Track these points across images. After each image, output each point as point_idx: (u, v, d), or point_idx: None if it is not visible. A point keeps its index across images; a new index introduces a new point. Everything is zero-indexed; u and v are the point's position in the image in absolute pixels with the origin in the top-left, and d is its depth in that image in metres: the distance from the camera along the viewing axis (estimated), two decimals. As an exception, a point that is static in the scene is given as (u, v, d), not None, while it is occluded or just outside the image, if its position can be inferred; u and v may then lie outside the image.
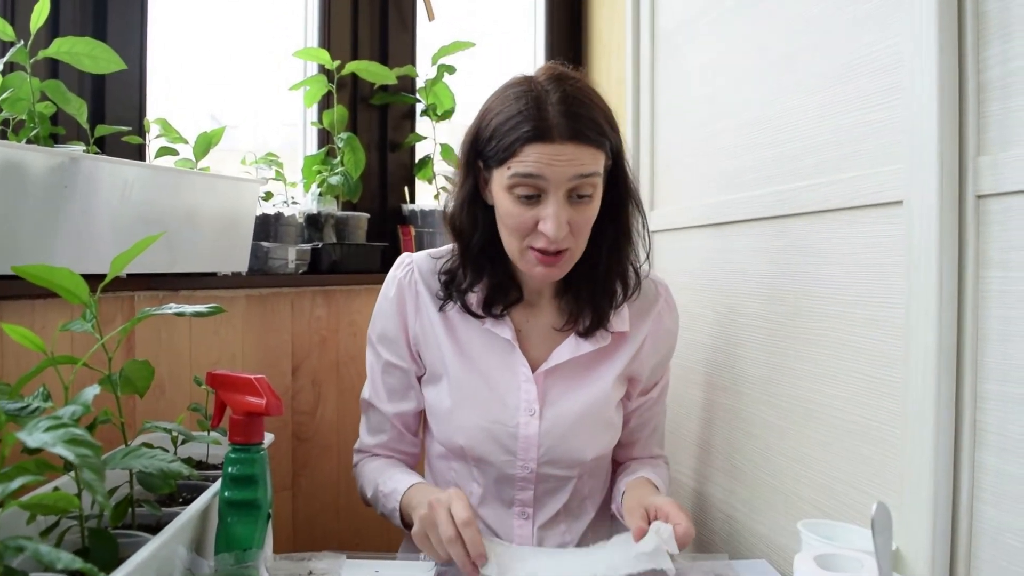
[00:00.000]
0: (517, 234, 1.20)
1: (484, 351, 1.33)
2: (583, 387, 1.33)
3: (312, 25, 2.06)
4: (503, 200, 1.20)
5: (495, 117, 1.19)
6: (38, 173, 1.24)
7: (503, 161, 1.17)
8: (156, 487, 0.97)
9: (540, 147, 1.14)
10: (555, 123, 1.14)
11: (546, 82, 1.18)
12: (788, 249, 1.30)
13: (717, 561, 1.23)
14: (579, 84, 1.20)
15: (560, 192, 1.16)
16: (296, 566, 1.04)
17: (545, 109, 1.14)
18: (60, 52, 1.29)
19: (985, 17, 0.93)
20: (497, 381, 1.32)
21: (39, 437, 0.68)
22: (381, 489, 1.33)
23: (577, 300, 1.32)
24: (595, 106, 1.19)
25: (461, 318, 1.34)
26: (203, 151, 1.57)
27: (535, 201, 1.17)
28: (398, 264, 1.40)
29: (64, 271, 0.90)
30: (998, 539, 0.92)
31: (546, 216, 1.16)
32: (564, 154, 1.14)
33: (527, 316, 1.35)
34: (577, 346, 1.32)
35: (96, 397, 0.86)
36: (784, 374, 1.31)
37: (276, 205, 1.88)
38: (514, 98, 1.18)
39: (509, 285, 1.32)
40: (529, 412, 1.30)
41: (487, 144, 1.20)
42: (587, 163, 1.16)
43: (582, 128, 1.15)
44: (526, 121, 1.14)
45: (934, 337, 0.96)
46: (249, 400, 1.00)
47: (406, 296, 1.36)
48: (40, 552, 0.63)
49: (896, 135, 1.04)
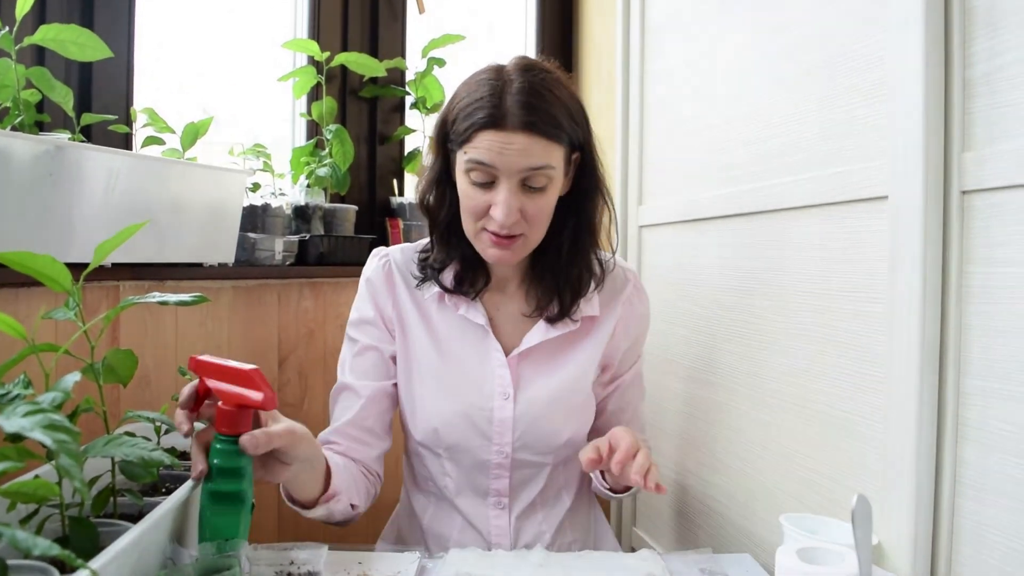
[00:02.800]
0: (472, 216, 1.23)
1: (458, 337, 1.34)
2: (555, 370, 1.34)
3: (302, 16, 2.05)
4: (461, 182, 1.22)
5: (460, 102, 1.21)
6: (23, 161, 1.23)
7: (461, 145, 1.19)
8: (138, 476, 0.96)
9: (492, 135, 1.15)
10: (510, 112, 1.15)
11: (513, 71, 1.20)
12: (773, 244, 1.30)
13: (700, 555, 1.24)
14: (544, 76, 1.20)
15: (512, 181, 1.18)
16: (278, 556, 1.03)
17: (503, 98, 1.16)
18: (46, 39, 1.28)
19: (972, 13, 0.93)
20: (472, 366, 1.33)
21: (16, 422, 0.67)
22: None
23: (543, 288, 1.34)
24: (556, 99, 1.19)
25: (436, 306, 1.35)
26: (190, 141, 1.56)
27: (489, 187, 1.19)
28: (374, 255, 1.41)
29: (46, 258, 0.89)
30: (979, 533, 0.92)
31: (497, 202, 1.18)
32: (514, 143, 1.15)
33: (497, 304, 1.37)
34: (547, 331, 1.33)
35: (79, 387, 0.86)
36: (768, 369, 1.31)
37: (264, 196, 1.87)
38: (477, 84, 1.20)
39: (477, 266, 1.33)
40: (504, 396, 1.31)
41: (451, 127, 1.22)
42: (538, 155, 1.17)
43: (536, 120, 1.15)
44: (482, 108, 1.16)
45: (917, 332, 0.96)
46: (244, 393, 0.96)
47: (382, 283, 1.37)
48: (17, 538, 0.62)
49: (882, 130, 1.04)
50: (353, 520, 1.27)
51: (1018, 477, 0.87)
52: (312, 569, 1.04)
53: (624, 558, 1.20)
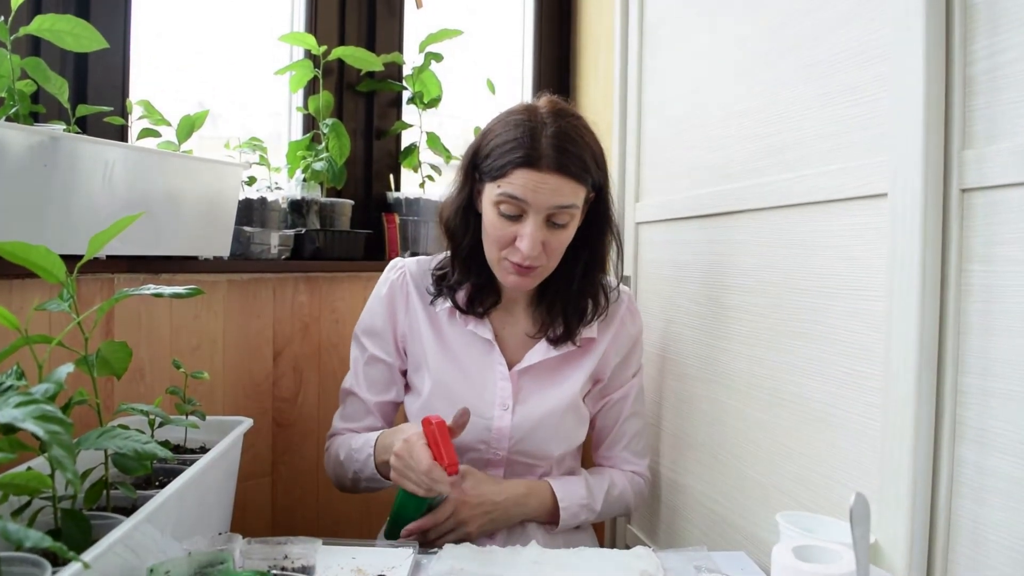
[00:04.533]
0: (496, 245, 1.33)
1: (466, 349, 1.45)
2: (552, 388, 1.45)
3: (299, 10, 2.03)
4: (489, 213, 1.32)
5: (495, 138, 1.32)
6: (17, 151, 1.22)
7: (495, 179, 1.29)
8: (131, 469, 0.96)
9: (528, 173, 1.26)
10: (545, 154, 1.26)
11: (546, 115, 1.31)
12: (772, 241, 1.30)
13: (696, 552, 1.24)
14: (575, 123, 1.32)
15: (539, 216, 1.28)
16: (272, 550, 1.03)
17: (539, 140, 1.27)
18: (41, 29, 1.27)
19: (973, 10, 0.93)
20: (476, 377, 1.43)
21: (8, 413, 0.67)
22: (352, 446, 1.42)
23: (550, 312, 1.44)
24: (585, 145, 1.31)
25: (447, 319, 1.46)
26: (186, 133, 1.55)
27: (516, 220, 1.30)
28: (391, 267, 1.52)
29: (41, 249, 0.89)
30: (976, 533, 0.92)
31: (523, 235, 1.29)
32: (548, 183, 1.26)
33: (504, 322, 1.47)
34: (548, 350, 1.44)
35: (73, 379, 0.85)
36: (766, 366, 1.31)
37: (260, 190, 1.86)
38: (514, 124, 1.30)
39: (489, 288, 1.44)
40: (503, 407, 1.41)
41: (484, 160, 1.32)
42: (567, 195, 1.28)
43: (568, 163, 1.27)
44: (520, 147, 1.27)
45: (916, 331, 0.96)
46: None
47: (397, 296, 1.48)
48: (8, 530, 0.62)
49: (881, 128, 1.04)
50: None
51: (1015, 476, 0.87)
52: (306, 563, 1.03)
53: (619, 555, 1.20)
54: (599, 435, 1.56)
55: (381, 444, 1.38)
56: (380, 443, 1.38)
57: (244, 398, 1.77)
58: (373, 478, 1.40)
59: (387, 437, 1.37)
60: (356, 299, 1.95)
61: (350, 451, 1.43)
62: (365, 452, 1.39)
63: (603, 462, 1.57)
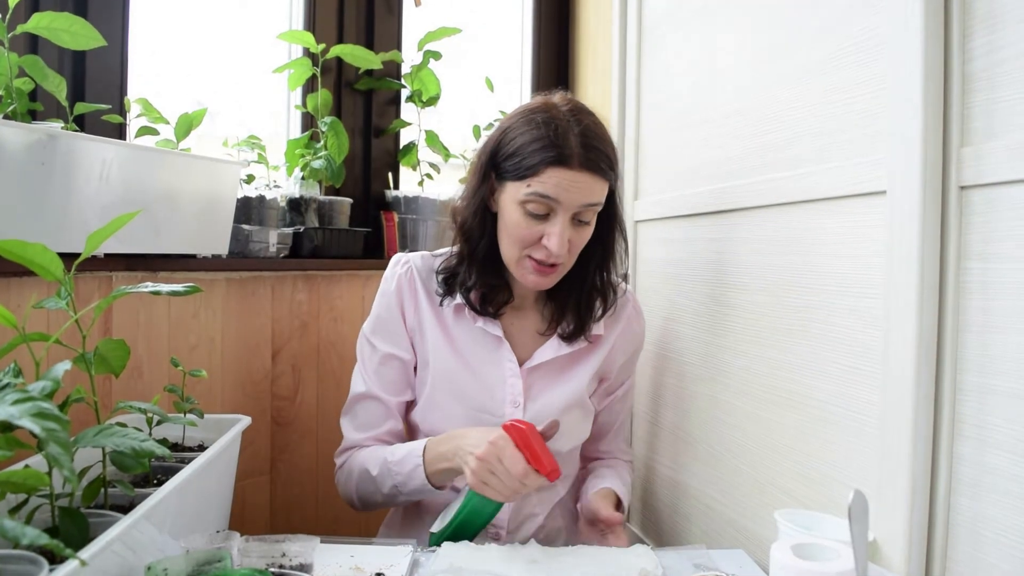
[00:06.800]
0: (519, 244, 1.31)
1: (475, 346, 1.42)
2: (561, 385, 1.43)
3: (297, 7, 2.03)
4: (512, 212, 1.30)
5: (519, 136, 1.29)
6: (14, 149, 1.22)
7: (523, 178, 1.27)
8: (129, 467, 0.96)
9: (560, 171, 1.24)
10: (576, 152, 1.25)
11: (568, 113, 1.29)
12: (770, 239, 1.30)
13: (695, 550, 1.24)
14: (596, 120, 1.32)
15: (568, 215, 1.27)
16: (270, 548, 1.03)
17: (568, 137, 1.25)
18: (39, 27, 1.27)
19: (971, 7, 0.93)
20: (486, 374, 1.41)
21: (5, 410, 0.66)
22: (390, 459, 1.34)
23: (561, 308, 1.43)
24: (608, 143, 1.31)
25: (454, 316, 1.43)
26: (184, 131, 1.55)
27: (543, 219, 1.28)
28: (396, 262, 1.47)
29: (38, 247, 0.89)
30: (975, 530, 0.92)
31: (551, 233, 1.27)
32: (580, 181, 1.25)
33: (513, 319, 1.45)
34: (558, 347, 1.43)
35: (71, 377, 0.85)
36: (764, 364, 1.31)
37: (258, 188, 1.86)
38: (539, 123, 1.27)
39: (502, 287, 1.42)
40: (514, 404, 1.39)
41: (507, 159, 1.30)
42: (596, 193, 1.28)
43: (598, 160, 1.26)
44: (552, 146, 1.24)
45: (914, 328, 0.96)
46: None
47: (405, 290, 1.44)
48: (4, 527, 0.61)
49: (880, 125, 1.04)
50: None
51: (1014, 473, 0.87)
52: (304, 561, 1.03)
53: (617, 553, 1.20)
54: (601, 430, 1.56)
55: (434, 452, 1.30)
56: (432, 451, 1.31)
57: (242, 396, 1.77)
58: (420, 490, 1.32)
59: (441, 444, 1.29)
60: (355, 297, 1.95)
61: (386, 464, 1.34)
62: (410, 463, 1.31)
63: (603, 455, 1.57)
